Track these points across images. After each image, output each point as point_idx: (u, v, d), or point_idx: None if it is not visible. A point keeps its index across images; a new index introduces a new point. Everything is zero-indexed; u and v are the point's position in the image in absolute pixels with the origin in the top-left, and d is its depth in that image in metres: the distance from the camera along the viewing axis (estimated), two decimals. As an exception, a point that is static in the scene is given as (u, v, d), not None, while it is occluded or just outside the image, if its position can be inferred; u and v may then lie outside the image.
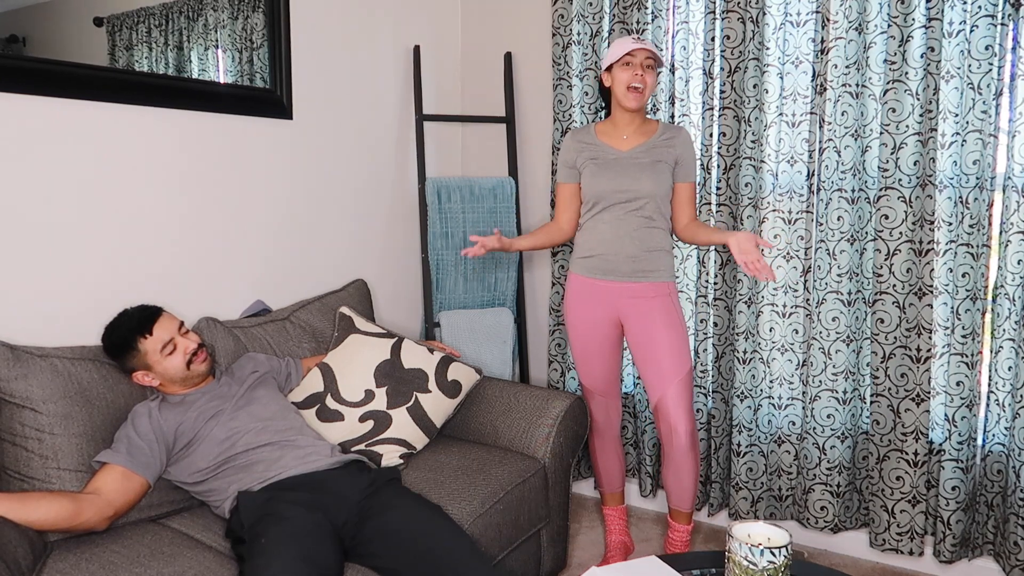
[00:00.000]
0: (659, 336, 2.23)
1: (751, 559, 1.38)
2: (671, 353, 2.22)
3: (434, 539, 1.69)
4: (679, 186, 2.27)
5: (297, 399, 2.14)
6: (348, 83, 2.65)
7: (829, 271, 2.38)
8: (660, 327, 2.23)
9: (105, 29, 1.95)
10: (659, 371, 2.23)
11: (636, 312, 2.25)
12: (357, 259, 2.75)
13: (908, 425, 2.31)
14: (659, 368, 2.23)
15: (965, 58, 2.14)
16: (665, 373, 2.22)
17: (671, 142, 2.24)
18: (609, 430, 2.45)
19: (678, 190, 2.28)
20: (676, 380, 2.22)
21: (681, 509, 2.35)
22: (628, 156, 2.24)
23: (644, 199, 2.22)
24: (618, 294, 2.27)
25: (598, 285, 2.29)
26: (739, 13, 2.42)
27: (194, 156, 2.18)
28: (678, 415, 2.22)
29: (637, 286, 2.25)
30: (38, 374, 1.71)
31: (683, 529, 2.38)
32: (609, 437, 2.46)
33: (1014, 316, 2.15)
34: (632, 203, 2.23)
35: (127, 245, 2.04)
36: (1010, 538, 2.18)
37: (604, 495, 2.55)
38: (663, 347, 2.22)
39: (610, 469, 2.50)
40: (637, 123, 2.26)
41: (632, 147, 2.25)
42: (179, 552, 1.64)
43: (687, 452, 2.25)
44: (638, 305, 2.25)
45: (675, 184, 2.27)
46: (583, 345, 2.35)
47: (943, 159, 2.22)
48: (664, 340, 2.23)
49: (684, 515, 2.36)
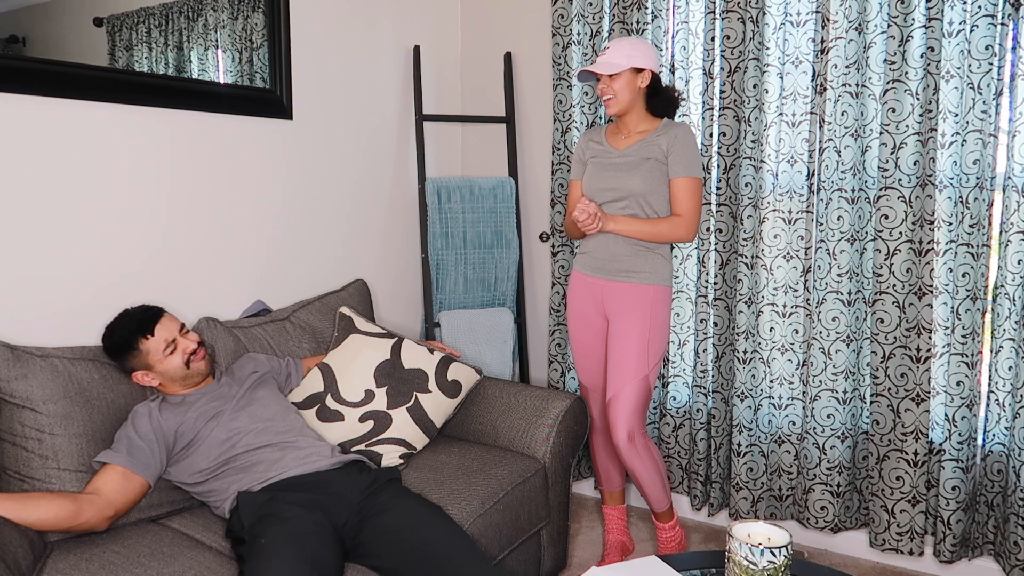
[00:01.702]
0: (626, 339, 2.23)
1: (751, 559, 1.38)
2: (632, 356, 2.22)
3: (434, 539, 1.69)
4: (670, 181, 2.23)
5: (297, 399, 2.14)
6: (348, 83, 2.65)
7: (829, 271, 2.38)
8: (629, 330, 2.23)
9: (105, 29, 1.95)
10: (615, 373, 2.23)
11: (616, 310, 2.27)
12: (357, 259, 2.75)
13: (908, 425, 2.31)
14: (616, 370, 2.23)
15: (965, 58, 2.14)
16: (620, 376, 2.22)
17: (662, 138, 2.22)
18: (601, 424, 2.46)
19: (669, 186, 2.24)
20: (626, 386, 2.21)
21: (652, 509, 2.39)
22: (620, 155, 2.26)
23: (632, 198, 2.22)
24: (604, 291, 2.30)
25: (589, 281, 2.33)
26: (739, 13, 2.42)
27: (194, 156, 2.18)
28: (616, 420, 2.22)
29: (620, 285, 2.27)
30: (38, 374, 1.71)
31: (664, 527, 2.41)
32: (607, 435, 2.46)
33: (1014, 316, 2.15)
34: (620, 202, 2.24)
35: (127, 245, 2.04)
36: (1010, 538, 2.18)
37: (604, 494, 2.55)
38: (624, 350, 2.23)
39: (609, 468, 2.51)
40: (637, 123, 2.27)
41: (627, 146, 2.26)
42: (179, 552, 1.64)
43: (629, 456, 2.23)
44: (619, 304, 2.27)
45: (669, 180, 2.23)
46: (579, 340, 2.40)
47: (943, 159, 2.22)
48: (628, 343, 2.23)
49: (660, 514, 2.39)
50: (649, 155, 2.22)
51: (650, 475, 2.29)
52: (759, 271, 2.50)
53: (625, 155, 2.25)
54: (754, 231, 2.49)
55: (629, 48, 2.18)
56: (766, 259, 2.49)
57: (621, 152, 2.26)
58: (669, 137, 2.21)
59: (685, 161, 2.21)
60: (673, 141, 2.20)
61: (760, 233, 2.49)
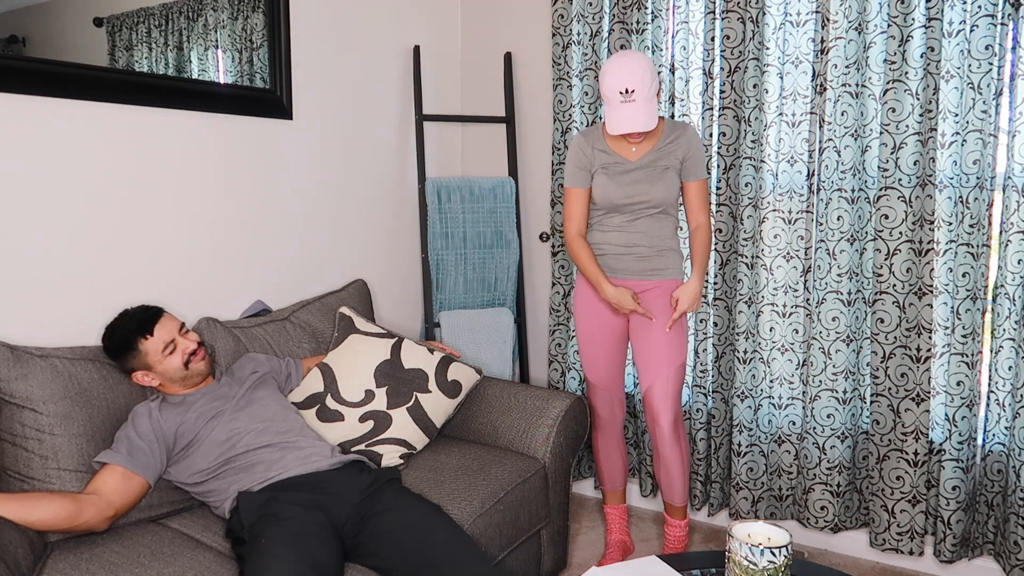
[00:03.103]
0: (657, 328, 2.27)
1: (751, 559, 1.38)
2: (666, 345, 2.26)
3: (434, 539, 1.69)
4: (686, 185, 2.28)
5: (297, 399, 2.14)
6: (348, 83, 2.65)
7: (829, 271, 2.38)
8: (659, 320, 2.27)
9: (105, 29, 1.95)
10: (651, 361, 2.27)
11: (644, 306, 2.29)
12: (357, 259, 2.75)
13: (908, 425, 2.31)
14: (651, 358, 2.27)
15: (965, 58, 2.14)
16: (656, 364, 2.26)
17: (676, 143, 2.24)
18: (612, 426, 2.46)
19: (685, 189, 2.29)
20: (666, 371, 2.25)
21: (673, 503, 2.37)
22: (637, 166, 2.24)
23: (657, 206, 2.26)
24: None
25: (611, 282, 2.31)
26: (739, 13, 2.42)
27: (194, 156, 2.18)
28: (662, 405, 2.24)
29: (646, 283, 2.31)
30: (38, 374, 1.71)
31: (678, 524, 2.39)
32: (612, 433, 2.47)
33: (1014, 316, 2.15)
34: (647, 209, 2.27)
35: (127, 245, 2.04)
36: (1010, 538, 2.18)
37: (605, 493, 2.55)
38: (658, 339, 2.26)
39: (612, 467, 2.51)
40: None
41: (641, 156, 2.25)
42: (179, 552, 1.64)
43: (671, 443, 2.27)
44: (646, 301, 2.30)
45: (683, 183, 2.29)
46: (589, 337, 2.38)
47: (943, 159, 2.22)
48: (660, 332, 2.26)
49: (678, 509, 2.38)
50: (667, 164, 2.24)
51: (685, 463, 2.32)
52: (759, 271, 2.50)
53: (641, 165, 2.24)
54: (754, 231, 2.49)
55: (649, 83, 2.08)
56: (766, 259, 2.49)
57: (637, 162, 2.25)
58: (683, 146, 2.24)
59: (698, 164, 2.27)
60: (688, 149, 2.24)
61: (760, 233, 2.49)
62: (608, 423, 2.46)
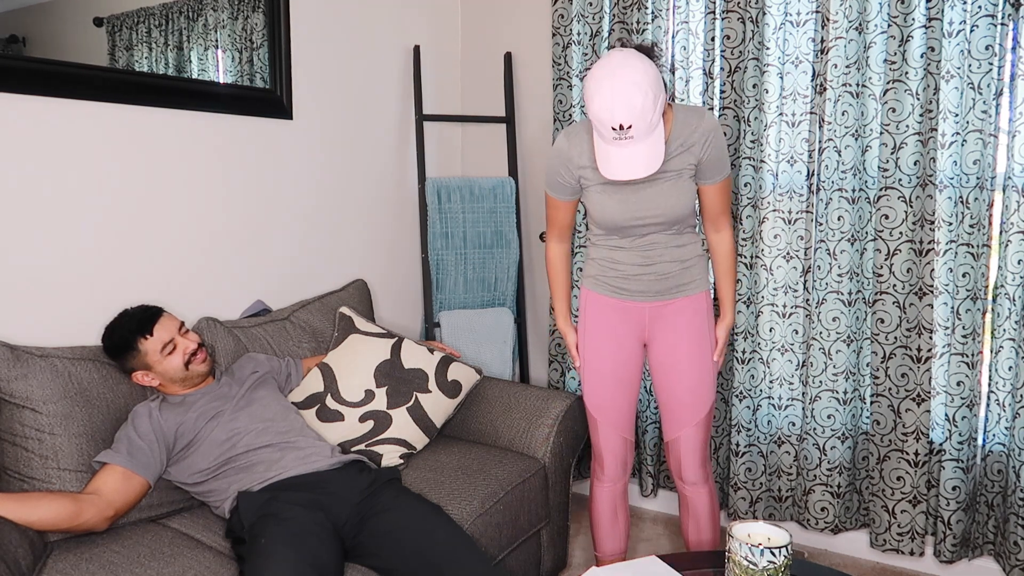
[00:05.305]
0: (683, 368, 1.95)
1: (751, 559, 1.38)
2: (693, 390, 1.95)
3: (434, 539, 1.69)
4: (703, 188, 1.92)
5: (297, 399, 2.14)
6: (348, 83, 2.65)
7: (829, 271, 2.38)
8: (685, 355, 1.95)
9: (105, 29, 1.95)
10: (677, 410, 1.98)
11: (663, 329, 1.97)
12: (357, 259, 2.75)
13: (908, 425, 2.31)
14: (677, 406, 1.98)
15: (965, 58, 2.14)
16: (683, 413, 1.97)
17: (690, 141, 1.83)
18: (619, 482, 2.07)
19: (703, 192, 1.94)
20: (694, 422, 1.97)
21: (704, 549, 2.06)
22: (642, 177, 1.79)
23: (673, 223, 1.89)
24: (652, 315, 1.98)
25: (626, 307, 1.98)
26: (739, 13, 2.42)
27: (194, 156, 2.18)
28: (693, 466, 1.99)
29: (674, 304, 1.96)
30: (38, 374, 1.71)
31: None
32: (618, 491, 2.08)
33: (1014, 316, 2.15)
34: (655, 227, 1.90)
35: (127, 245, 2.04)
36: (1010, 538, 2.18)
37: (600, 560, 2.16)
38: (686, 382, 1.96)
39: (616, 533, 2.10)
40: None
41: None
42: (179, 552, 1.64)
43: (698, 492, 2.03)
44: (673, 323, 1.96)
45: (699, 186, 1.93)
46: (603, 372, 2.00)
47: (943, 159, 2.22)
48: (687, 373, 1.95)
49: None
50: (680, 168, 1.84)
51: (715, 509, 2.05)
52: (759, 271, 2.50)
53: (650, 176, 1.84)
54: (754, 231, 2.49)
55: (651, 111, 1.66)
56: (766, 259, 2.49)
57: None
58: (699, 144, 1.83)
59: (722, 163, 1.88)
60: (706, 149, 1.84)
61: (760, 233, 2.49)
62: (613, 477, 2.06)
